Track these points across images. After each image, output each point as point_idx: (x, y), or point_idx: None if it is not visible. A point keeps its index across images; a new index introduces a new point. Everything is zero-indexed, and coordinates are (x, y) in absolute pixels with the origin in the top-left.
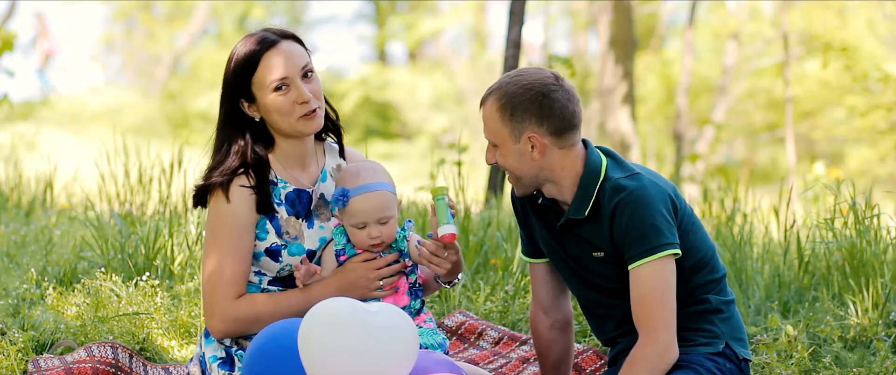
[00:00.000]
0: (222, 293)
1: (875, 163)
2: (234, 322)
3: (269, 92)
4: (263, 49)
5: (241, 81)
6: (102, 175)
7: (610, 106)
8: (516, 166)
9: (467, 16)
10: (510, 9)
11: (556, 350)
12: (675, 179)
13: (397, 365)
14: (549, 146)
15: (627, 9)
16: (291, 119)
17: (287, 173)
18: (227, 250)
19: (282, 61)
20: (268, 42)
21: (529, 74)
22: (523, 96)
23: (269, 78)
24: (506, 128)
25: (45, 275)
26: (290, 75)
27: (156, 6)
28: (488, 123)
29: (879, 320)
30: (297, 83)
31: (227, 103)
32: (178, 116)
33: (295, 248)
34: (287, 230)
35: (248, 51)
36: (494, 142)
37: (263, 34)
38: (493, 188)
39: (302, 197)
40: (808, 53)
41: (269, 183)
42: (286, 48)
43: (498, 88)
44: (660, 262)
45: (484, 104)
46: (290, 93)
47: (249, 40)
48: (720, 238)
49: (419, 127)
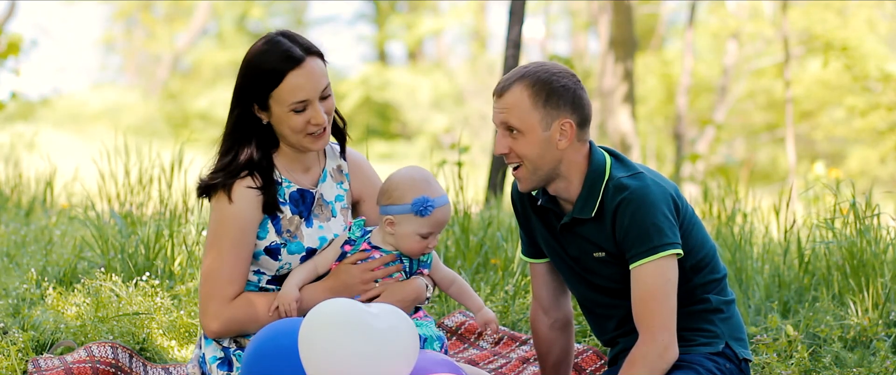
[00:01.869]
0: (218, 292)
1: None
2: (227, 321)
3: (287, 108)
4: (289, 67)
5: (259, 91)
6: (102, 175)
7: (610, 106)
8: (538, 155)
9: (467, 16)
10: (510, 9)
11: (557, 349)
12: (676, 179)
13: (397, 366)
14: (574, 137)
15: (627, 9)
16: (300, 136)
17: (290, 173)
18: (226, 249)
19: (305, 83)
20: (294, 60)
21: (552, 65)
22: (557, 82)
23: (290, 98)
24: (537, 114)
25: (45, 275)
26: (310, 98)
27: (156, 6)
28: (514, 110)
29: (879, 320)
30: (315, 105)
31: (241, 106)
32: (178, 116)
33: (294, 246)
34: (288, 228)
35: (272, 64)
36: (519, 129)
37: (289, 47)
38: (492, 188)
39: (306, 196)
40: (808, 53)
41: (275, 183)
42: (311, 68)
43: (525, 75)
44: (661, 262)
45: (507, 91)
46: (307, 113)
47: (274, 50)
48: (720, 238)
49: (419, 127)
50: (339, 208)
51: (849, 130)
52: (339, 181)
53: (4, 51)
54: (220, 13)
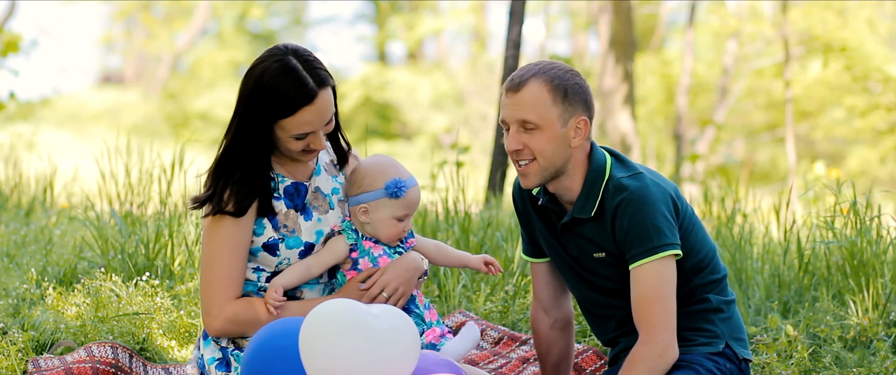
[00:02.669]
0: (219, 292)
1: (875, 163)
2: (230, 321)
3: (289, 135)
4: (303, 103)
5: (267, 114)
6: (103, 174)
7: (610, 106)
8: (552, 152)
9: (467, 16)
10: (510, 9)
11: (557, 349)
12: (676, 179)
13: (398, 367)
14: (587, 135)
15: (627, 9)
16: (294, 153)
17: (283, 168)
18: (224, 249)
19: (314, 119)
20: (308, 96)
21: (560, 63)
22: (571, 80)
23: (296, 130)
24: (556, 110)
25: (45, 275)
26: (315, 129)
27: (156, 6)
28: (535, 105)
29: (879, 320)
30: (318, 134)
31: (245, 127)
32: (178, 116)
33: (292, 241)
34: (285, 223)
35: (286, 96)
36: (537, 124)
37: (304, 80)
38: (492, 188)
39: (300, 190)
40: (808, 53)
41: (271, 189)
42: (322, 103)
43: (540, 71)
44: (660, 262)
45: (524, 86)
46: (307, 139)
47: (288, 80)
48: (720, 238)
49: (419, 127)
50: (336, 201)
51: (849, 130)
52: (335, 174)
53: (3, 49)
54: (220, 13)
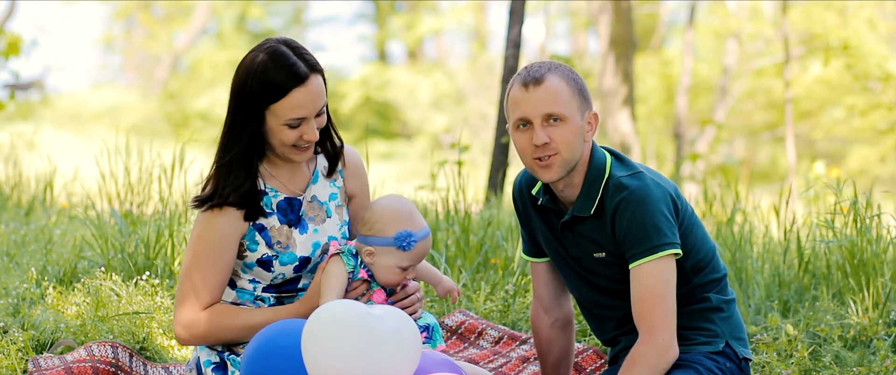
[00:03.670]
0: (190, 301)
1: (875, 162)
2: (189, 328)
3: (282, 122)
4: (293, 85)
5: (258, 102)
6: (103, 174)
7: (610, 106)
8: (575, 145)
9: (467, 16)
10: (510, 9)
11: (557, 348)
12: (676, 179)
13: (400, 368)
14: (596, 130)
15: (627, 9)
16: (286, 148)
17: (276, 181)
18: (204, 261)
19: (306, 102)
20: (299, 77)
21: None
22: (579, 78)
23: (288, 115)
24: (575, 102)
25: (45, 275)
26: (308, 116)
27: (156, 6)
28: (560, 97)
29: (879, 319)
30: (310, 123)
31: (238, 115)
32: (177, 116)
33: (286, 257)
34: (278, 240)
35: (275, 79)
36: (562, 116)
37: (294, 63)
38: (493, 188)
39: (293, 205)
40: (808, 53)
41: (258, 192)
42: (313, 86)
43: (552, 68)
44: (660, 262)
45: (545, 79)
46: (300, 129)
47: (279, 64)
48: (720, 237)
49: (419, 127)
50: (334, 207)
51: (849, 130)
52: (333, 179)
53: (5, 50)
54: (220, 13)
